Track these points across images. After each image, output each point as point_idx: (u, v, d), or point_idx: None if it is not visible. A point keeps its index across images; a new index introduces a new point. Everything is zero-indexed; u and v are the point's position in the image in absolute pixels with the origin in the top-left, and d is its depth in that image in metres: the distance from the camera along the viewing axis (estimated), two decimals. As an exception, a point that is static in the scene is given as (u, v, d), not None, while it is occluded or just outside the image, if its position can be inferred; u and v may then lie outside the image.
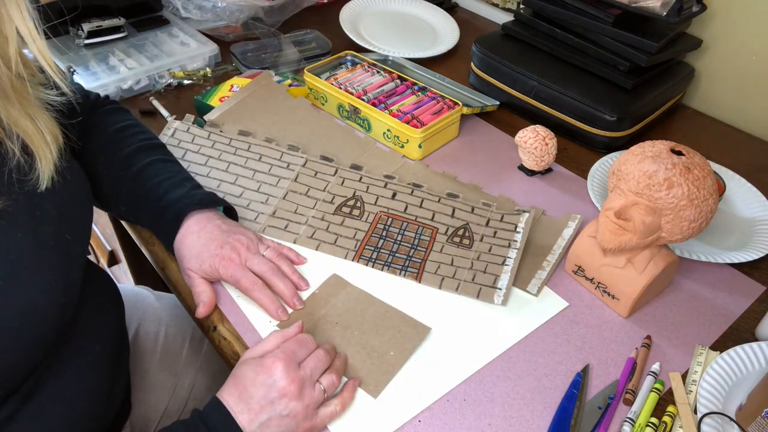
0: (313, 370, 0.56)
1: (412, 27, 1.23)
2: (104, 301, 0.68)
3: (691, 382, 0.61)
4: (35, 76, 0.56)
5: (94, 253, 1.34)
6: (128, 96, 1.00)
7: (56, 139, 0.56)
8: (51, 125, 0.56)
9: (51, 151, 0.55)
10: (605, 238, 0.64)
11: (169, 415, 0.82)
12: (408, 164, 0.88)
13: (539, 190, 0.85)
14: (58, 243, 0.54)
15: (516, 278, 0.71)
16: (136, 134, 0.75)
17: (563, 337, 0.66)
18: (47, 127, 0.55)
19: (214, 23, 1.16)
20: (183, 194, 0.69)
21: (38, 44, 0.50)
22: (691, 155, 0.61)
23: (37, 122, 0.54)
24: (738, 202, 0.83)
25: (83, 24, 1.04)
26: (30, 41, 0.50)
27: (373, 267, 0.72)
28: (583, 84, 0.93)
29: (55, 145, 0.55)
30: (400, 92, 0.96)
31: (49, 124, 0.55)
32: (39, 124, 0.54)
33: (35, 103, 0.55)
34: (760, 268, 0.75)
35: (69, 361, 0.57)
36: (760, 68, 0.96)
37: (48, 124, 0.55)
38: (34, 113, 0.54)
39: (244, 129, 0.90)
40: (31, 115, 0.53)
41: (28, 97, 0.54)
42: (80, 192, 0.61)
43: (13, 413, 0.52)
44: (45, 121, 0.55)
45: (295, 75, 1.03)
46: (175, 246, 0.68)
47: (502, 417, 0.58)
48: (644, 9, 0.87)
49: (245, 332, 0.65)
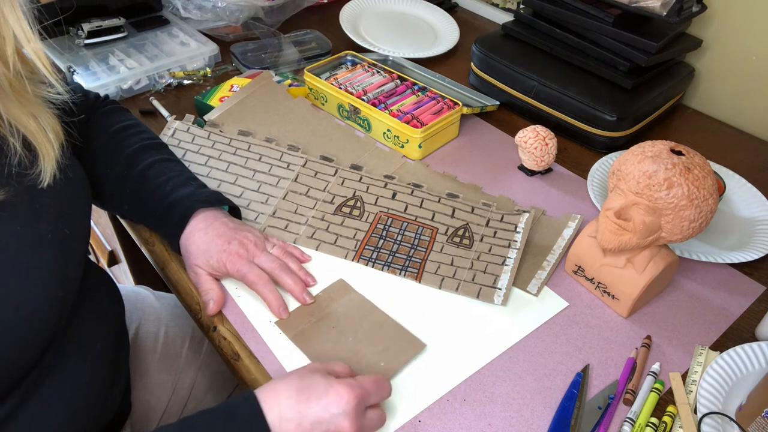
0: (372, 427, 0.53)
1: (412, 27, 1.23)
2: (104, 299, 0.68)
3: (691, 382, 0.61)
4: (35, 74, 0.56)
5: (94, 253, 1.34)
6: (128, 96, 1.00)
7: (58, 137, 0.56)
8: (53, 123, 0.56)
9: (53, 148, 0.55)
10: (605, 238, 0.64)
11: (169, 414, 0.82)
12: (408, 164, 0.88)
13: (539, 190, 0.85)
14: (57, 237, 0.54)
15: (516, 278, 0.71)
16: (137, 134, 0.76)
17: (563, 337, 0.66)
18: (49, 125, 0.55)
19: (214, 23, 1.16)
20: (190, 192, 0.70)
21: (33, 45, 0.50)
22: (691, 155, 0.61)
23: (39, 120, 0.54)
24: (738, 202, 0.83)
25: (83, 24, 1.04)
26: (25, 41, 0.50)
27: (373, 267, 0.72)
28: (583, 84, 0.93)
29: (57, 142, 0.56)
30: (400, 92, 0.96)
31: (51, 121, 0.56)
32: (41, 122, 0.54)
33: (36, 101, 0.55)
34: (760, 268, 0.75)
35: (70, 359, 0.57)
36: (760, 68, 0.96)
37: (50, 121, 0.55)
38: (36, 111, 0.54)
39: (244, 129, 0.90)
40: (33, 113, 0.54)
41: (27, 95, 0.54)
42: (80, 188, 0.61)
43: (13, 410, 0.52)
44: (47, 119, 0.55)
45: (295, 75, 1.03)
46: (182, 243, 0.68)
47: (502, 417, 0.58)
48: (644, 9, 0.87)
49: (245, 332, 0.65)
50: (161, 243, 0.75)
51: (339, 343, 0.63)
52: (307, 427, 0.49)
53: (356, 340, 0.64)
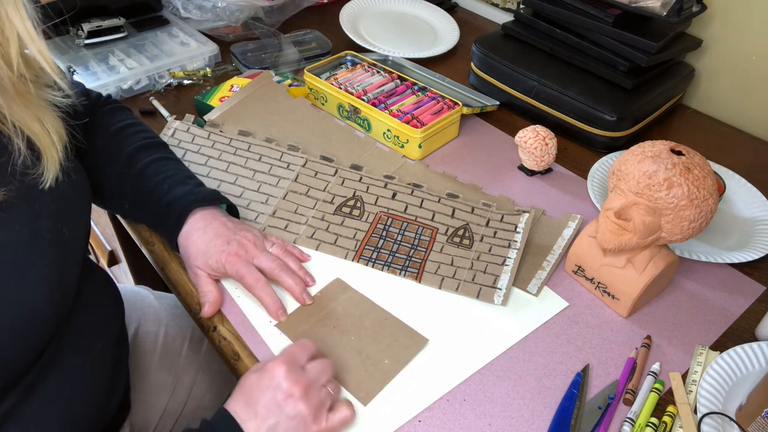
0: (318, 373, 0.55)
1: (412, 27, 1.23)
2: (104, 299, 0.68)
3: (691, 382, 0.61)
4: (40, 77, 0.56)
5: (94, 253, 1.34)
6: (128, 96, 1.00)
7: (62, 139, 0.56)
8: (57, 125, 0.56)
9: (57, 151, 0.55)
10: (605, 238, 0.64)
11: (169, 414, 0.82)
12: (408, 164, 0.88)
13: (539, 190, 0.85)
14: (55, 238, 0.54)
15: (516, 278, 0.71)
16: (137, 133, 0.76)
17: (563, 337, 0.66)
18: (53, 128, 0.55)
19: (214, 23, 1.16)
20: (187, 191, 0.69)
21: (37, 44, 0.50)
22: (691, 155, 0.61)
23: (43, 122, 0.54)
24: (738, 202, 0.83)
25: (83, 24, 1.04)
26: (29, 41, 0.50)
27: (373, 267, 0.72)
28: (583, 84, 0.93)
29: (61, 145, 0.56)
30: (400, 92, 0.96)
31: (55, 124, 0.56)
32: (46, 124, 0.54)
33: (40, 103, 0.55)
34: (760, 268, 0.75)
35: (69, 358, 0.58)
36: (760, 68, 0.96)
37: (54, 124, 0.56)
38: (40, 114, 0.54)
39: (244, 129, 0.90)
40: (38, 115, 0.54)
41: (31, 97, 0.54)
42: (81, 189, 0.61)
43: (12, 409, 0.52)
44: (51, 122, 0.55)
45: (295, 75, 1.03)
46: (180, 243, 0.68)
47: (502, 417, 0.58)
48: (644, 9, 0.87)
49: (245, 332, 0.65)
50: (161, 243, 0.75)
51: (341, 344, 0.63)
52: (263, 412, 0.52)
53: (358, 339, 0.64)
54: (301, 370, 0.55)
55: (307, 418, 0.52)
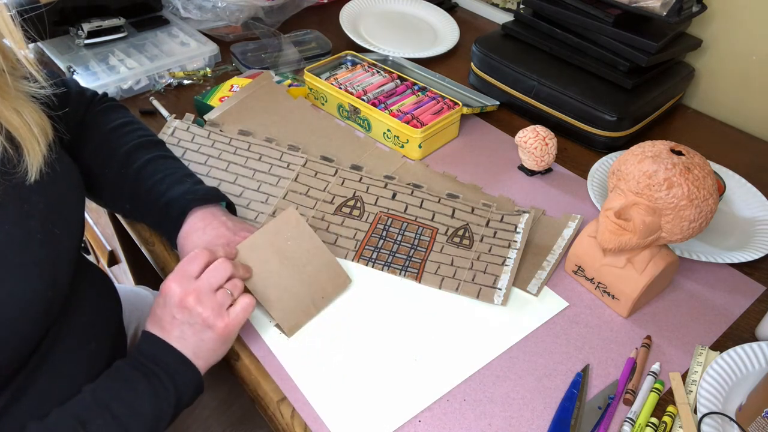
0: (210, 279, 0.58)
1: (412, 27, 1.23)
2: (99, 298, 0.67)
3: (691, 382, 0.61)
4: (17, 69, 0.56)
5: (94, 253, 1.33)
6: (128, 96, 1.00)
7: (44, 131, 0.56)
8: (38, 117, 0.56)
9: (39, 143, 0.55)
10: (605, 238, 0.64)
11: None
12: (408, 164, 0.88)
13: (539, 190, 0.85)
14: (47, 237, 0.54)
15: (516, 278, 0.71)
16: (133, 131, 0.75)
17: (563, 337, 0.66)
18: (34, 120, 0.55)
19: (214, 23, 1.16)
20: (185, 190, 0.69)
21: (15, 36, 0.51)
22: (691, 155, 0.61)
23: (22, 115, 0.54)
24: (738, 202, 0.83)
25: (83, 24, 1.04)
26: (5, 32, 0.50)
27: (373, 267, 0.72)
28: (583, 84, 0.93)
29: (43, 137, 0.56)
30: (400, 92, 0.96)
31: (35, 116, 0.55)
32: (25, 117, 0.54)
33: (18, 95, 0.55)
34: (760, 268, 0.75)
35: (62, 358, 0.57)
36: (760, 68, 0.96)
37: (34, 116, 0.55)
38: (19, 106, 0.54)
39: (244, 129, 0.90)
40: (16, 107, 0.53)
41: (9, 89, 0.53)
42: (71, 185, 0.61)
43: (6, 408, 0.52)
44: (31, 113, 0.55)
45: (295, 75, 1.03)
46: (179, 242, 0.68)
47: (502, 417, 0.58)
48: (644, 9, 0.87)
49: (244, 331, 0.65)
50: (161, 243, 0.75)
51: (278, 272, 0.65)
52: (168, 327, 0.57)
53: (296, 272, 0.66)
54: (192, 279, 0.57)
55: (209, 319, 0.56)
